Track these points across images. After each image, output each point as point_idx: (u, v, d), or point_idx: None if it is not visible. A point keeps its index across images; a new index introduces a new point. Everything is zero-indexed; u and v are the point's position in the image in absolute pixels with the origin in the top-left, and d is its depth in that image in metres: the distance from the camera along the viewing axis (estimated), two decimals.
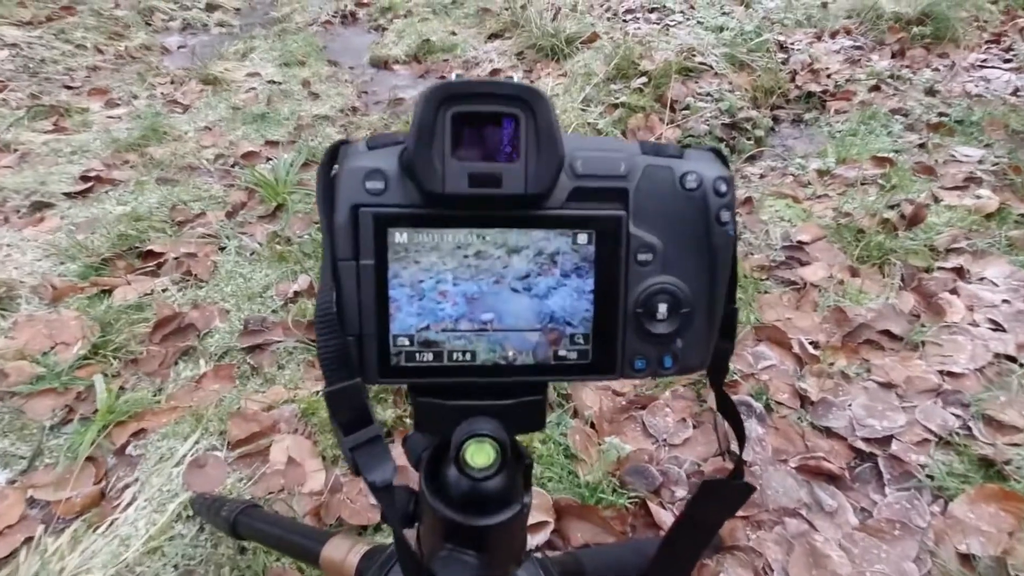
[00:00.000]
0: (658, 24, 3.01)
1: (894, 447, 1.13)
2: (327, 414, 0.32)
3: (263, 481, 1.08)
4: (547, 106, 0.29)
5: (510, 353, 0.33)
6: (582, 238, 0.32)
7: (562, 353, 0.34)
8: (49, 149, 2.14)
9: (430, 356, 0.33)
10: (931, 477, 1.07)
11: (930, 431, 1.15)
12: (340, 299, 0.31)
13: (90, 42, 3.13)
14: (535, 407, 0.36)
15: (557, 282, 0.32)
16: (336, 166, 0.32)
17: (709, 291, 0.33)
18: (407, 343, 0.32)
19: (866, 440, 1.15)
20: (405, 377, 0.33)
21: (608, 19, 3.13)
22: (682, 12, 3.10)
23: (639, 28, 2.97)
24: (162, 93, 2.68)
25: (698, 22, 2.97)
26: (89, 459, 1.09)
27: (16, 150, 2.11)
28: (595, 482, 1.06)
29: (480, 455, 0.34)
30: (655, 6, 3.17)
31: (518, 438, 0.39)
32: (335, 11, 3.80)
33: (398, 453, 0.68)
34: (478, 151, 0.29)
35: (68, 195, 1.85)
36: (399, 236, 0.31)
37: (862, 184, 1.90)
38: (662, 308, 0.33)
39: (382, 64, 3.11)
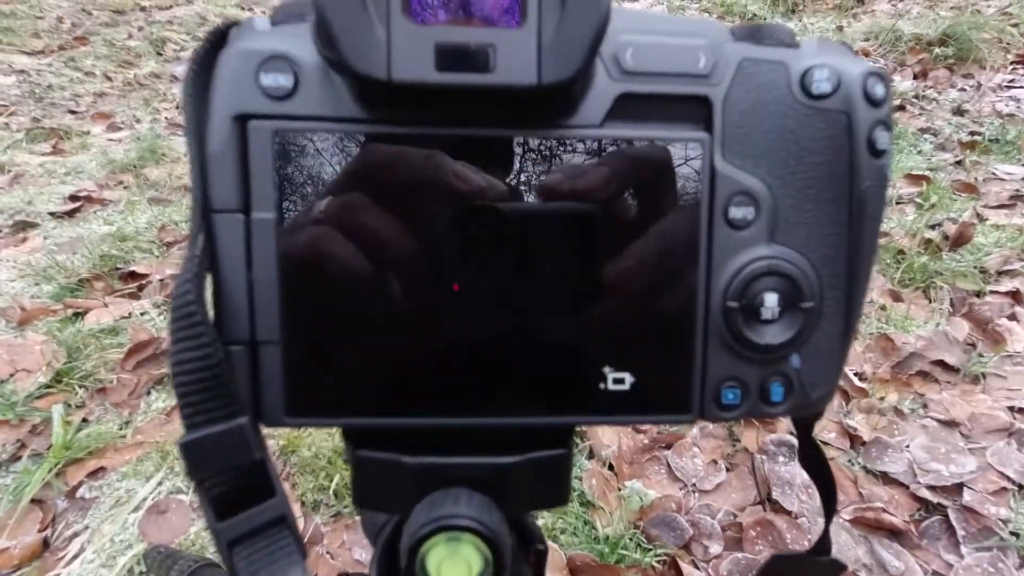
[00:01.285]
0: None
1: (966, 497, 0.96)
2: (188, 474, 0.19)
3: None
4: None
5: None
6: None
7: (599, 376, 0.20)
8: (44, 170, 2.08)
9: (378, 378, 0.20)
10: (1016, 534, 0.90)
11: (1007, 478, 0.99)
12: (217, 281, 0.19)
13: (99, 70, 3.14)
14: (555, 467, 0.22)
15: None
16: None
17: (848, 271, 0.20)
18: (337, 355, 0.19)
19: (931, 488, 0.98)
20: (334, 415, 0.20)
21: None
22: None
23: None
24: (166, 117, 2.64)
25: None
26: (36, 502, 0.96)
27: (10, 171, 2.05)
28: (616, 535, 0.91)
29: (454, 566, 0.19)
30: None
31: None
32: None
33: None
34: (453, 5, 0.17)
35: (54, 215, 1.78)
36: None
37: (897, 203, 1.77)
38: (770, 301, 0.19)
39: None
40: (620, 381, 0.20)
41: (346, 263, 0.19)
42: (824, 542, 0.31)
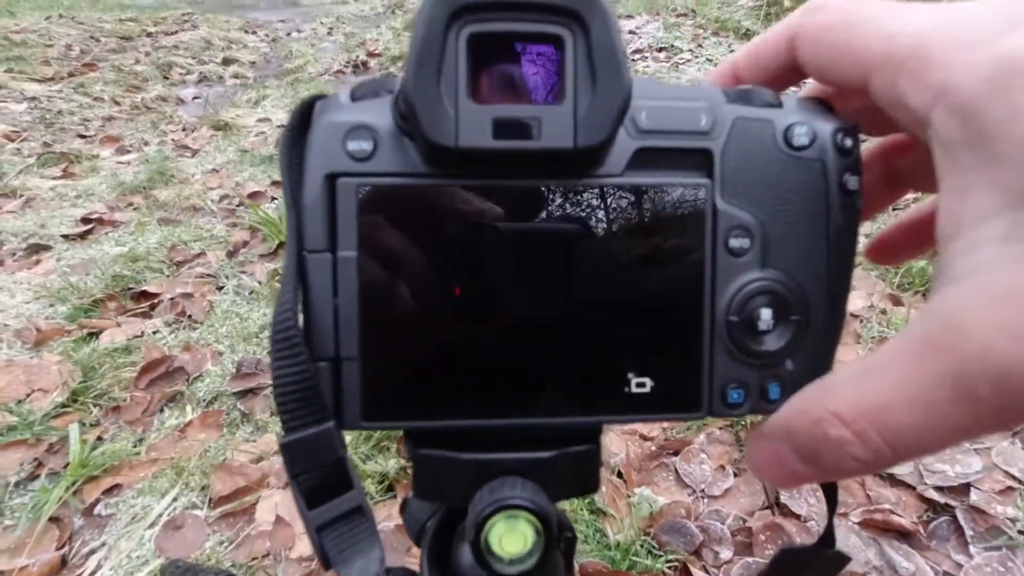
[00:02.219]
0: (667, 62, 3.02)
1: (973, 497, 0.97)
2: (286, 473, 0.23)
3: (246, 544, 0.95)
4: (607, 20, 0.20)
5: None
6: None
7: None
8: (55, 194, 2.12)
9: (436, 387, 0.23)
10: None
11: (1013, 477, 0.99)
12: (308, 308, 0.22)
13: (108, 95, 3.21)
14: (586, 461, 0.25)
15: None
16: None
17: (828, 289, 0.24)
18: (404, 369, 0.23)
19: (938, 489, 0.99)
20: (401, 419, 0.23)
21: None
22: (690, 51, 3.10)
23: (648, 66, 2.97)
24: (173, 139, 2.69)
25: (707, 59, 2.96)
26: (54, 520, 0.97)
27: (22, 195, 2.09)
28: (627, 542, 0.92)
29: (512, 539, 0.23)
30: (663, 46, 3.19)
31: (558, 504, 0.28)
32: (347, 61, 3.89)
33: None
34: (506, 88, 0.21)
35: (67, 237, 1.81)
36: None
37: (894, 209, 1.79)
38: (765, 315, 0.23)
39: None
40: (642, 385, 0.23)
41: (409, 291, 0.22)
42: (829, 535, 0.33)
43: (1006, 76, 0.16)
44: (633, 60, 3.10)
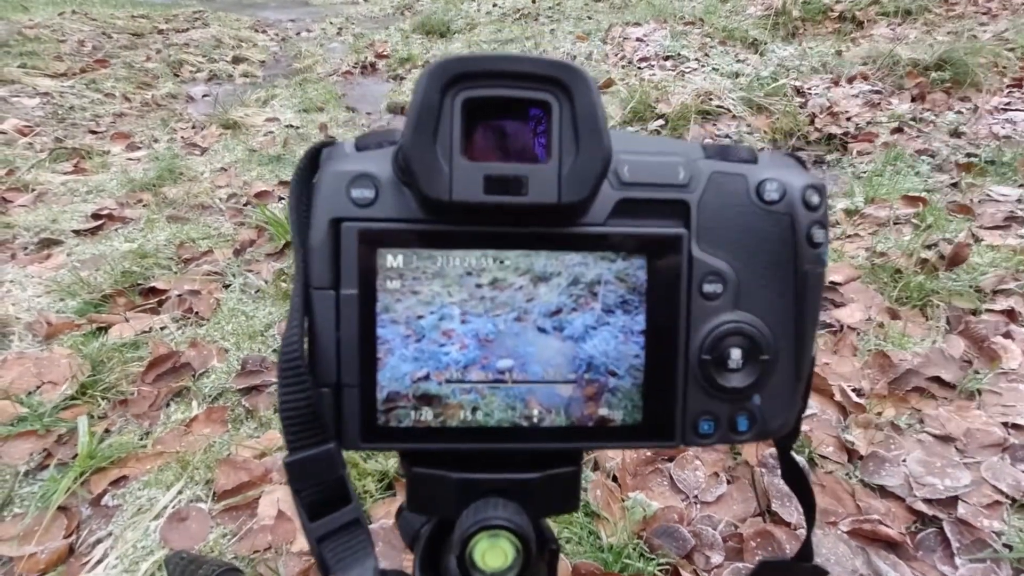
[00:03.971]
0: (673, 71, 3.04)
1: (961, 510, 0.99)
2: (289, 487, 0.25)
3: (249, 538, 0.97)
4: (589, 89, 0.22)
5: (535, 412, 0.26)
6: (631, 263, 0.25)
7: (603, 412, 0.26)
8: (66, 189, 2.15)
9: (429, 414, 0.25)
10: (1008, 547, 0.93)
11: (1001, 492, 1.01)
12: (313, 339, 0.24)
13: (119, 91, 3.24)
14: (567, 483, 0.27)
15: (597, 320, 0.25)
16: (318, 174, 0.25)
17: (795, 332, 0.25)
18: (399, 397, 0.25)
19: (927, 501, 1.01)
20: (396, 441, 0.25)
21: (623, 67, 3.16)
22: (696, 59, 3.12)
23: (654, 74, 2.99)
24: (182, 137, 2.72)
25: (713, 68, 2.98)
26: (62, 509, 1.00)
27: (34, 190, 2.12)
28: (619, 545, 0.94)
29: (494, 555, 0.25)
30: (669, 54, 3.21)
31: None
32: (355, 62, 3.92)
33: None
34: (496, 147, 0.23)
35: (77, 232, 1.84)
36: (392, 259, 0.24)
37: (895, 223, 1.81)
38: (735, 354, 0.25)
39: (399, 110, 3.16)
40: (620, 416, 0.25)
41: (412, 328, 0.24)
42: (807, 549, 0.34)
43: None
44: (639, 68, 3.12)
